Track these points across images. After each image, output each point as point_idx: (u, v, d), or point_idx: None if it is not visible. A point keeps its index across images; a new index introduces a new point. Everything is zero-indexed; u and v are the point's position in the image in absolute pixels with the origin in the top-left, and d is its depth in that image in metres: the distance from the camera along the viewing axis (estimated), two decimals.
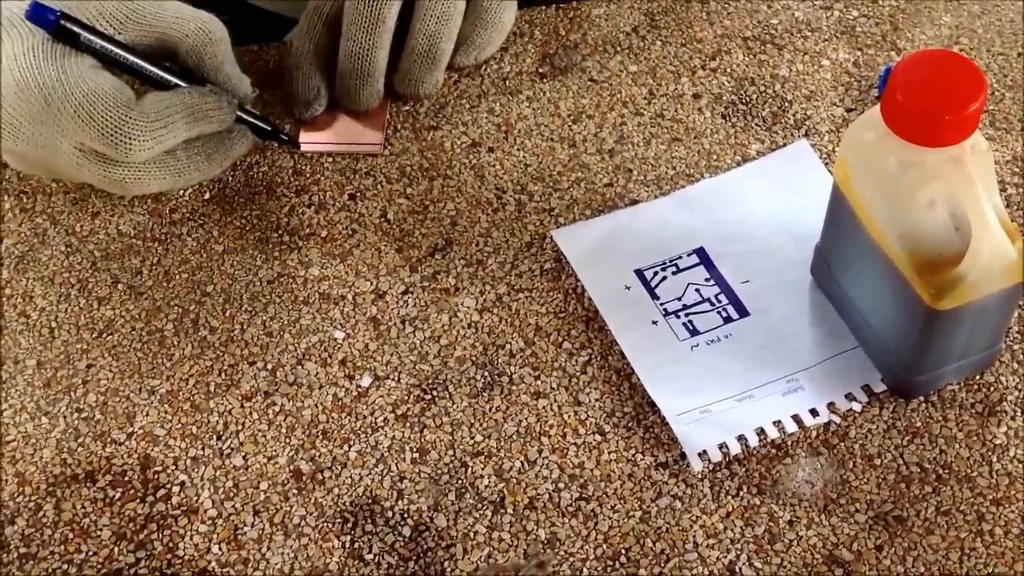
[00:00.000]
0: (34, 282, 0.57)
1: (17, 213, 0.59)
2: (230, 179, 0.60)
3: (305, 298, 0.56)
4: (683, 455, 0.50)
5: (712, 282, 0.55)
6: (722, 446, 0.50)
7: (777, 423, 0.50)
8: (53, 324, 0.55)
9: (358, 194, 0.60)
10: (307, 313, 0.55)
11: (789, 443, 0.50)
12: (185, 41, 0.54)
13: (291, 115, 0.62)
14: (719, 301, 0.55)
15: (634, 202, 0.59)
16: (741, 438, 0.50)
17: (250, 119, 0.58)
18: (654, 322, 0.54)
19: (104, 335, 0.55)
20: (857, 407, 0.51)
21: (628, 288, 0.55)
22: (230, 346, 0.54)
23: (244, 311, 0.55)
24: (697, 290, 0.55)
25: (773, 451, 0.50)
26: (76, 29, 0.51)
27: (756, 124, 0.61)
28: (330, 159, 0.61)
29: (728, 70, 0.63)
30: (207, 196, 0.60)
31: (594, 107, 0.63)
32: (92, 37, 0.52)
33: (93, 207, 0.59)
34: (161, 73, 0.55)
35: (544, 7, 0.66)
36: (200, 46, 0.55)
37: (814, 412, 0.51)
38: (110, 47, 0.52)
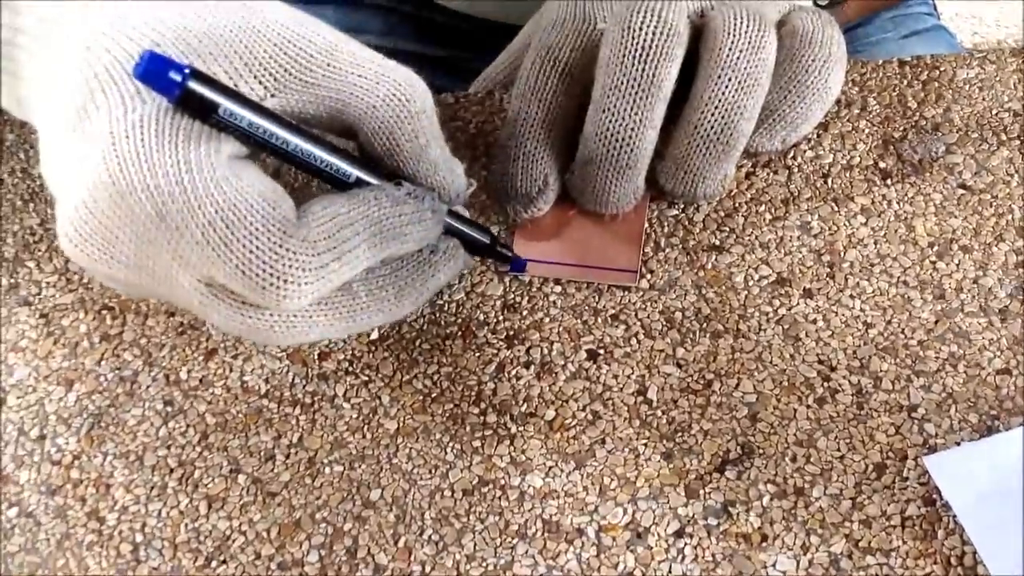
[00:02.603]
0: (114, 461, 0.38)
1: (96, 340, 0.40)
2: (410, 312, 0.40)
3: (521, 527, 0.35)
4: None
5: None
6: None
7: None
8: (138, 537, 0.36)
9: (602, 352, 0.39)
10: (524, 553, 0.35)
11: None
12: (372, 115, 0.34)
13: (499, 211, 0.41)
14: None
15: None
16: None
17: (463, 228, 0.38)
18: None
19: (212, 564, 0.35)
20: None
21: None
22: None
23: (426, 541, 0.35)
24: None
25: None
26: (214, 96, 0.30)
27: None
28: (558, 288, 0.40)
29: None
30: (375, 335, 0.40)
31: (971, 231, 0.40)
32: (237, 109, 0.31)
33: (208, 342, 0.40)
34: (336, 162, 0.34)
35: (885, 63, 0.44)
36: (395, 123, 0.34)
37: None
38: (263, 124, 0.31)
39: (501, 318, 0.40)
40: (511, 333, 0.39)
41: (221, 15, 0.32)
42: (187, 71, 0.29)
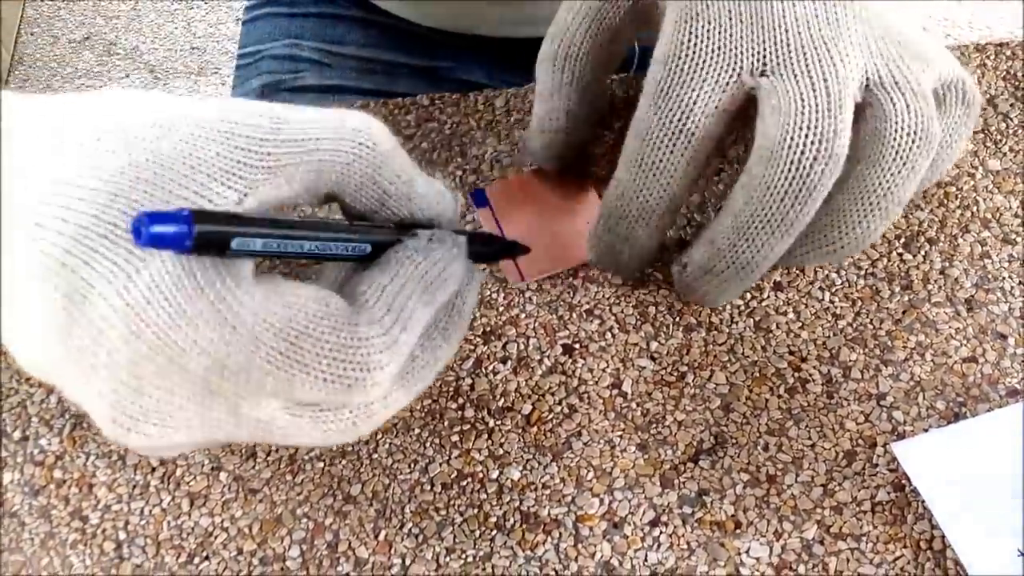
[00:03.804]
0: (97, 460, 0.38)
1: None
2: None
3: (500, 519, 0.36)
4: None
5: None
6: None
7: None
8: (121, 535, 0.36)
9: (577, 346, 0.39)
10: (503, 544, 0.36)
11: None
12: (349, 172, 0.31)
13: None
14: None
15: None
16: None
17: (479, 248, 0.35)
18: None
19: (195, 560, 0.36)
20: None
21: None
22: None
23: (407, 534, 0.36)
24: None
25: None
26: (223, 229, 0.27)
27: None
28: (533, 284, 0.41)
29: None
30: None
31: (937, 224, 0.41)
32: (248, 230, 0.28)
33: None
34: (346, 242, 0.31)
35: None
36: (374, 171, 0.32)
37: None
38: (278, 234, 0.29)
39: (478, 314, 0.40)
40: (488, 329, 0.40)
41: (158, 141, 0.28)
42: (187, 215, 0.26)
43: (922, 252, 0.41)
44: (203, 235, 0.26)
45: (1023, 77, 0.45)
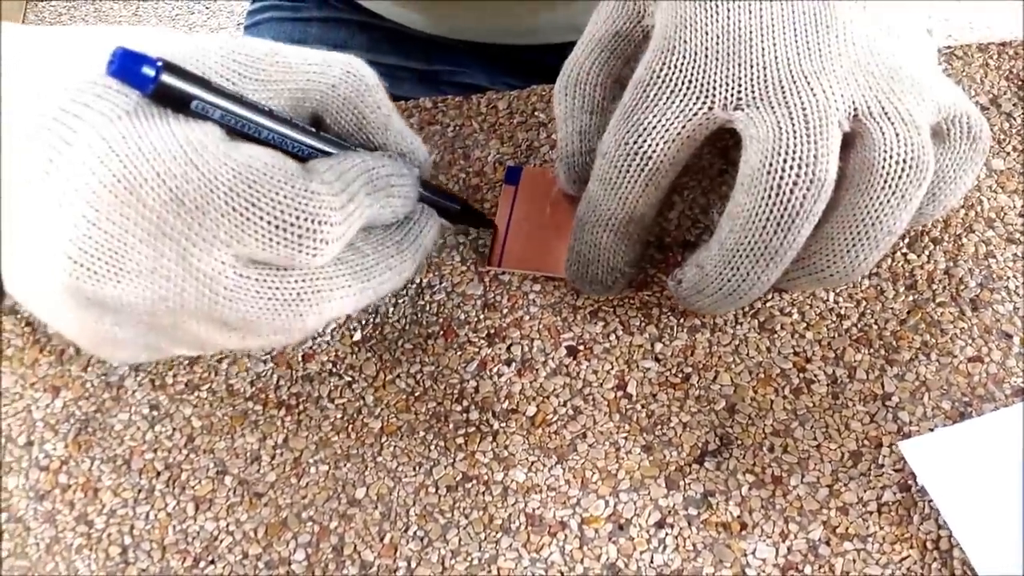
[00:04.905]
0: (102, 465, 0.38)
1: (75, 351, 0.40)
2: (390, 311, 0.41)
3: (505, 521, 0.36)
4: None
5: None
6: None
7: None
8: (126, 540, 0.36)
9: (582, 348, 0.39)
10: (508, 547, 0.35)
11: None
12: (334, 94, 0.35)
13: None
14: None
15: None
16: None
17: (433, 196, 0.38)
18: None
19: (200, 565, 0.36)
20: None
21: None
22: None
23: (412, 537, 0.36)
24: None
25: None
26: (187, 87, 0.30)
27: None
28: (537, 286, 0.41)
29: None
30: (357, 336, 0.40)
31: (941, 224, 0.41)
32: (211, 96, 0.31)
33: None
34: (313, 142, 0.34)
35: None
36: (357, 96, 0.35)
37: None
38: (239, 110, 0.31)
39: (482, 317, 0.40)
40: (492, 331, 0.40)
41: (164, 45, 0.32)
42: (159, 64, 0.29)
43: (926, 252, 0.41)
44: (165, 84, 0.29)
45: None
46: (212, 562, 0.36)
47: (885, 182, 0.34)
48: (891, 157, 0.34)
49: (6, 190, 0.31)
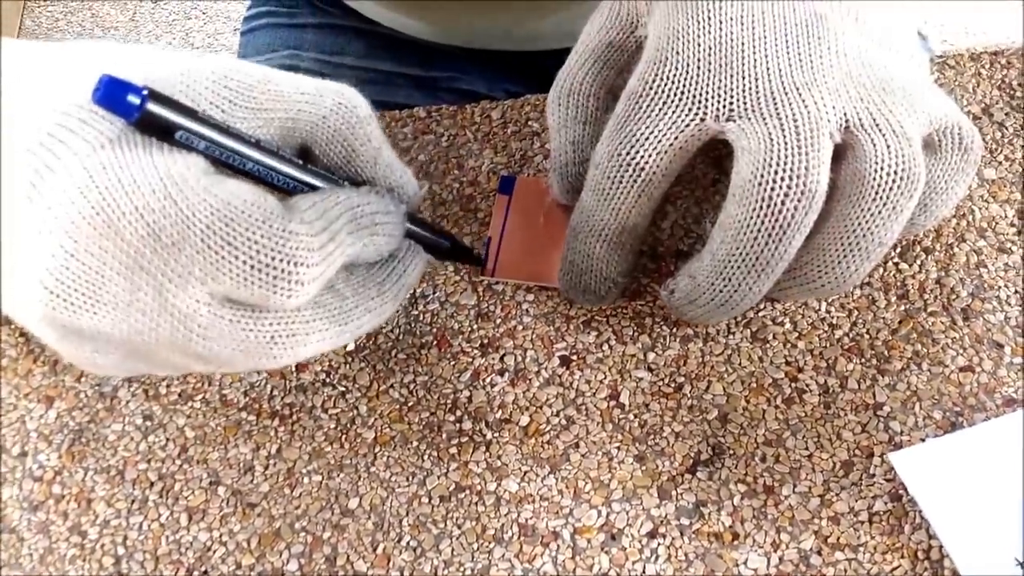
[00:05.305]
0: (95, 476, 0.38)
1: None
2: (384, 323, 0.41)
3: (498, 532, 0.36)
4: None
5: None
6: None
7: None
8: (119, 551, 0.37)
9: (575, 358, 0.40)
10: (501, 557, 0.36)
11: None
12: (324, 125, 0.34)
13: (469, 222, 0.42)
14: None
15: None
16: None
17: (421, 231, 0.38)
18: None
19: (194, 574, 0.36)
20: None
21: None
22: None
23: (404, 547, 0.36)
24: None
25: None
26: (172, 117, 0.30)
27: None
28: (530, 296, 0.41)
29: None
30: (351, 347, 0.41)
31: (933, 233, 0.41)
32: (197, 127, 0.30)
33: None
34: (299, 175, 0.33)
35: None
36: (347, 129, 0.34)
37: None
38: (224, 141, 0.31)
39: (475, 327, 0.41)
40: (485, 341, 0.40)
41: (156, 67, 0.31)
42: (145, 92, 0.29)
43: (918, 262, 0.41)
44: (151, 113, 0.29)
45: (1018, 86, 0.46)
46: (205, 572, 0.36)
47: (876, 194, 0.34)
48: (882, 169, 0.34)
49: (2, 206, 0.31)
